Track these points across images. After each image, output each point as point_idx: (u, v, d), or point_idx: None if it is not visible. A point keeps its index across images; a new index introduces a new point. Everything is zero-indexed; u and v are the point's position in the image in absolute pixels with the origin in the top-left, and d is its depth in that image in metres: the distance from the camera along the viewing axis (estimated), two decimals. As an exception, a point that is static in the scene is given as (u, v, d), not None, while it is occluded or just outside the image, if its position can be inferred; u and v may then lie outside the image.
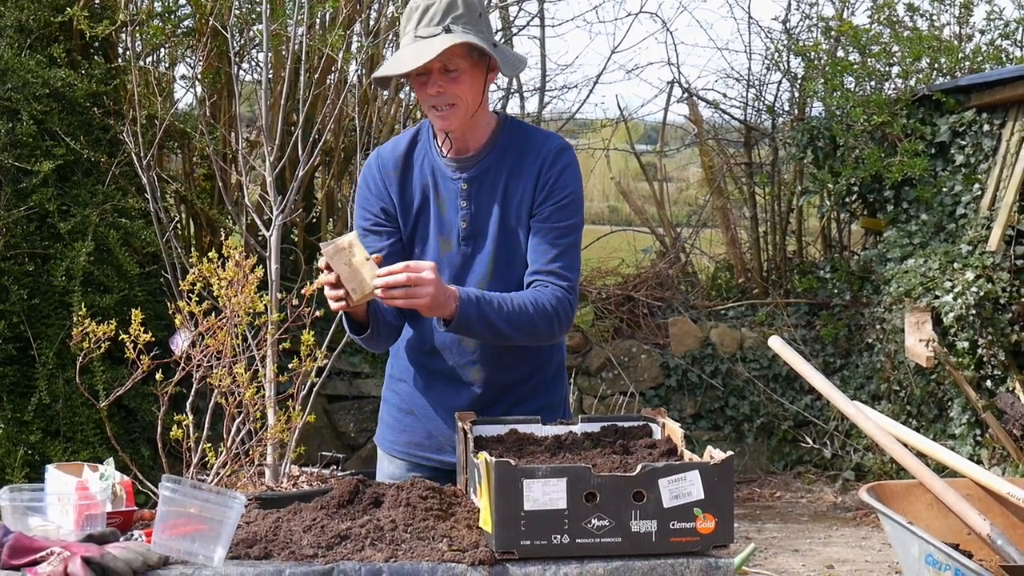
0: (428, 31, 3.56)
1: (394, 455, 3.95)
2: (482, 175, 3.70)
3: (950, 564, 4.46)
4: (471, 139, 3.71)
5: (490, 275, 3.70)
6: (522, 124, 3.79)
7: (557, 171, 3.65)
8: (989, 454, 8.68)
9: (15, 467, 7.76)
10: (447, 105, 3.61)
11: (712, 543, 3.06)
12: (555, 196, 3.64)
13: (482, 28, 3.60)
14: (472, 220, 3.70)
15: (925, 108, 9.58)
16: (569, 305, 3.62)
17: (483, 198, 3.69)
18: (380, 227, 3.76)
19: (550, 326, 3.60)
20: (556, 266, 3.62)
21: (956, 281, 8.64)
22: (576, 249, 3.67)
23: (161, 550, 2.96)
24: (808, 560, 7.87)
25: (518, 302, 3.56)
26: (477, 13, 3.59)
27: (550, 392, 3.84)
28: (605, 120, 12.02)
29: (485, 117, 3.71)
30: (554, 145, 3.69)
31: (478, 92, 3.63)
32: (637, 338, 10.14)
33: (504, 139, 3.72)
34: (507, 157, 3.70)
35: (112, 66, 8.72)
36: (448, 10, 3.56)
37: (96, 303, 7.89)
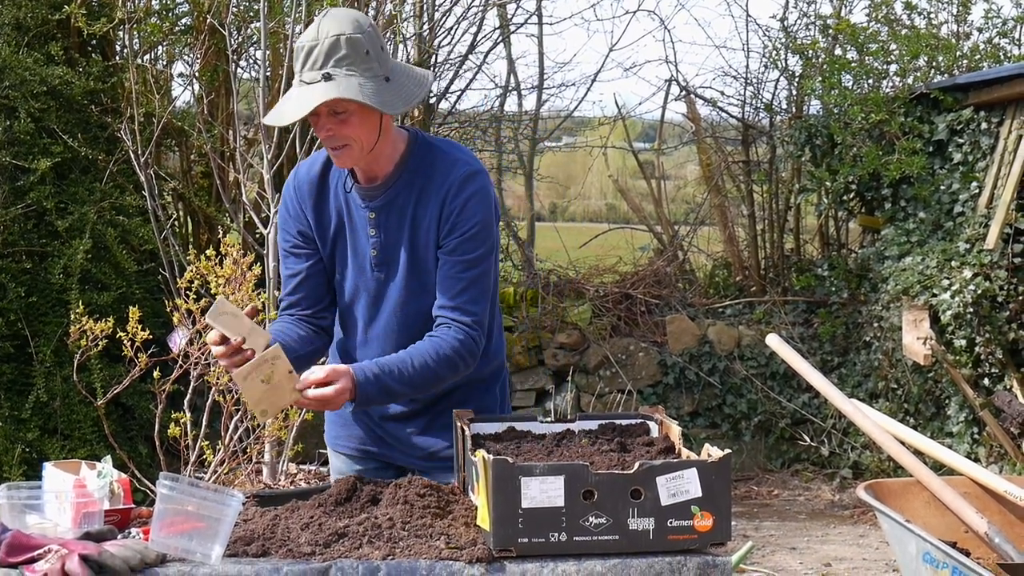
0: (311, 76, 3.45)
1: (338, 450, 3.96)
2: (389, 204, 3.63)
3: (948, 562, 4.46)
4: (377, 168, 3.63)
5: (403, 302, 3.67)
6: (431, 147, 3.66)
7: (461, 202, 3.56)
8: (987, 452, 8.68)
9: (13, 465, 7.77)
10: (340, 147, 3.53)
11: (710, 541, 3.06)
12: (459, 228, 3.56)
13: (371, 64, 3.46)
14: (382, 248, 3.65)
15: (923, 106, 9.57)
16: (473, 342, 3.57)
17: (391, 227, 3.64)
18: (299, 249, 3.73)
19: (455, 370, 3.57)
20: (460, 301, 3.56)
21: (954, 279, 8.65)
22: (483, 279, 3.60)
23: (159, 548, 2.96)
24: (806, 558, 7.88)
25: (419, 361, 3.51)
26: (363, 51, 3.45)
27: (481, 398, 3.81)
28: (603, 118, 12.03)
29: (389, 147, 3.61)
30: (459, 174, 3.58)
31: (372, 130, 3.53)
32: (635, 336, 10.14)
33: (412, 166, 3.63)
34: (414, 185, 3.62)
35: (110, 64, 8.72)
36: (330, 52, 3.43)
37: (94, 301, 7.89)
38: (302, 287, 3.74)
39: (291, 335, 3.66)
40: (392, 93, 3.50)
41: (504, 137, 11.45)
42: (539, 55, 11.44)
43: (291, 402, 3.37)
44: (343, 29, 3.44)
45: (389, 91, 3.49)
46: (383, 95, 3.47)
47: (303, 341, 3.69)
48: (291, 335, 3.66)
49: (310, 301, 3.74)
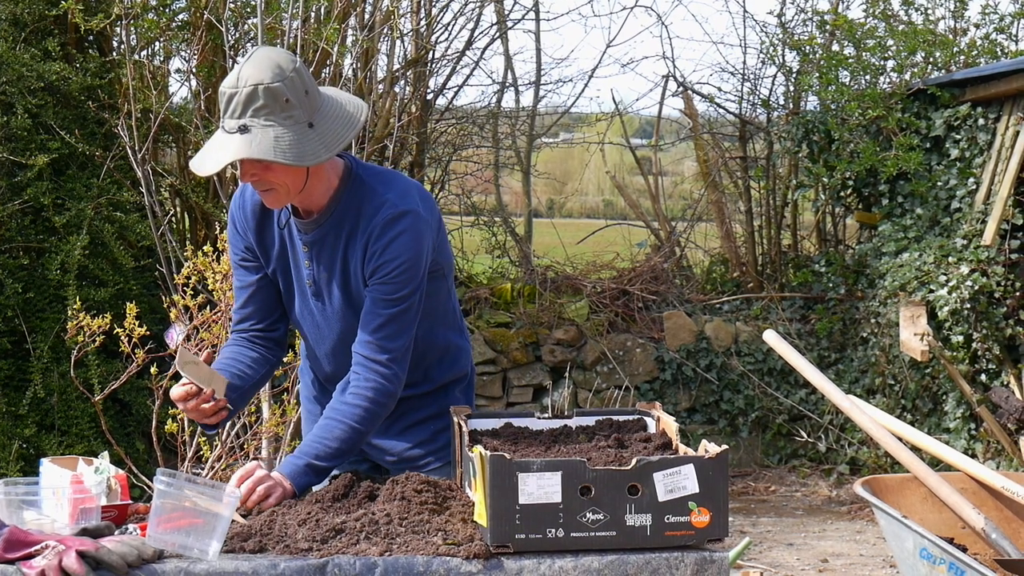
0: (230, 124, 3.39)
1: None
2: (322, 239, 3.60)
3: (945, 558, 4.47)
4: (310, 203, 3.58)
5: (343, 331, 3.66)
6: (363, 183, 3.58)
7: (382, 245, 3.51)
8: (983, 448, 8.69)
9: (10, 461, 7.77)
10: (266, 190, 3.49)
11: (707, 537, 3.06)
12: (382, 271, 3.53)
13: (292, 112, 3.38)
14: (315, 280, 3.64)
15: (920, 102, 9.57)
16: (388, 381, 3.54)
17: (324, 260, 3.62)
18: (247, 263, 3.72)
19: (377, 418, 3.56)
20: (376, 337, 3.54)
21: (951, 275, 8.65)
22: (404, 316, 3.55)
23: (156, 544, 2.96)
24: (803, 554, 7.88)
25: (341, 431, 3.49)
26: (283, 99, 3.36)
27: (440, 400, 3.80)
28: (600, 114, 12.02)
29: (323, 184, 3.55)
30: (383, 217, 3.51)
31: (297, 176, 3.46)
32: (632, 332, 10.14)
33: (344, 203, 3.58)
34: (345, 222, 3.58)
35: (107, 60, 8.71)
36: (248, 102, 3.36)
37: (91, 297, 7.89)
38: (253, 300, 3.74)
39: (243, 360, 3.69)
40: (314, 141, 3.41)
41: (501, 133, 11.45)
42: (536, 51, 11.46)
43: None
44: (262, 78, 3.36)
45: (311, 139, 3.41)
46: (303, 145, 3.39)
47: (256, 364, 3.71)
48: (243, 360, 3.69)
49: (262, 314, 3.74)
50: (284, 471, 3.43)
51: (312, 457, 3.47)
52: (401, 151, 10.13)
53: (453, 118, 11.20)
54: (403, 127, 9.43)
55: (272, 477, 3.38)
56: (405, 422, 3.72)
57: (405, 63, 10.20)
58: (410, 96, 10.19)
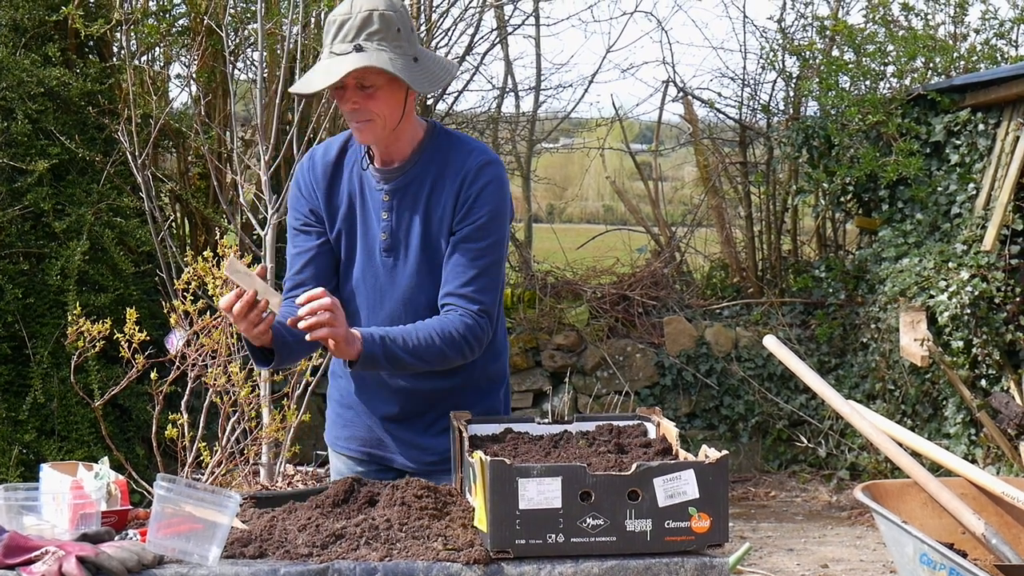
0: (341, 47, 3.49)
1: (338, 451, 3.94)
2: (404, 188, 3.64)
3: (945, 563, 4.47)
4: (395, 151, 3.65)
5: (412, 288, 3.66)
6: (449, 136, 3.70)
7: (477, 189, 3.58)
8: (984, 453, 8.69)
9: (10, 466, 7.77)
10: (363, 120, 3.55)
11: (707, 542, 3.06)
12: (473, 215, 3.57)
13: (401, 43, 3.50)
14: (392, 233, 3.65)
15: (920, 107, 9.58)
16: (480, 329, 3.56)
17: (404, 211, 3.64)
18: (309, 227, 3.73)
19: (460, 353, 3.56)
20: (469, 290, 3.56)
21: (951, 280, 8.65)
22: (494, 269, 3.60)
23: (156, 549, 2.96)
24: (803, 559, 7.88)
25: (424, 335, 3.50)
26: (395, 28, 3.50)
27: (484, 400, 3.80)
28: (600, 119, 12.03)
29: (410, 129, 3.64)
30: (476, 162, 3.61)
31: (396, 107, 3.56)
32: (632, 337, 10.14)
33: (429, 152, 3.65)
34: (430, 170, 3.64)
35: (107, 65, 8.72)
36: (363, 26, 3.48)
37: (91, 302, 7.89)
38: (310, 265, 3.71)
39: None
40: (420, 73, 3.55)
41: (501, 138, 11.45)
42: (536, 56, 11.47)
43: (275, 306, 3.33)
44: (376, 5, 3.50)
45: (417, 70, 3.54)
46: (412, 73, 3.52)
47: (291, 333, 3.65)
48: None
49: (318, 281, 3.69)
50: (357, 329, 3.43)
51: (388, 334, 3.46)
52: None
53: (453, 123, 11.20)
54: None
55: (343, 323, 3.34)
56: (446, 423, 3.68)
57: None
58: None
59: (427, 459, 3.76)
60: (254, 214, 6.40)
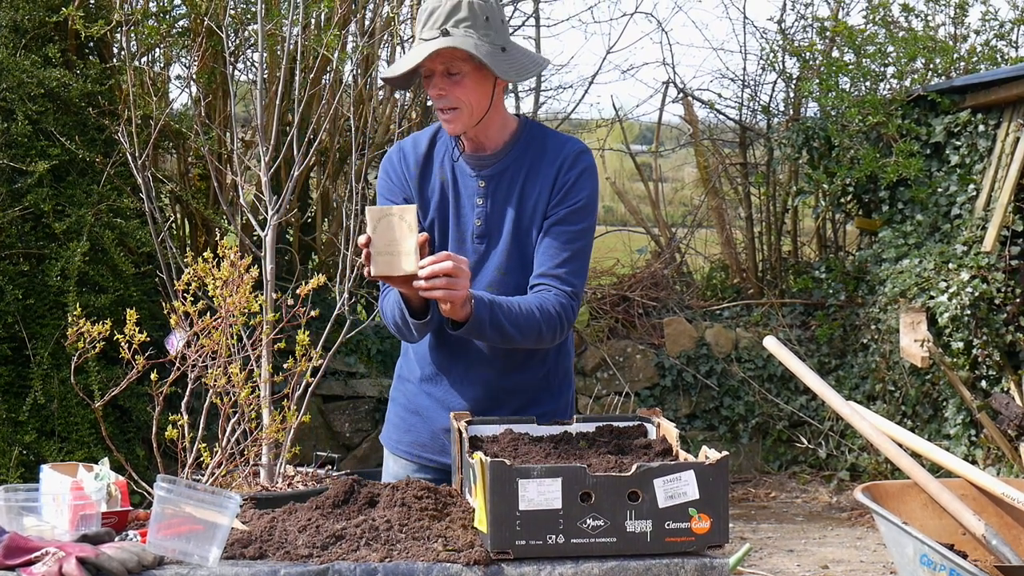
0: (430, 34, 3.57)
1: (399, 455, 3.94)
2: (500, 174, 3.70)
3: (945, 564, 4.47)
4: (486, 140, 3.71)
5: (502, 273, 3.70)
6: (542, 127, 3.79)
7: (576, 174, 3.66)
8: (984, 454, 8.68)
9: (10, 467, 7.76)
10: (450, 108, 3.61)
11: (707, 543, 3.06)
12: (571, 199, 3.65)
13: (489, 32, 3.57)
14: (487, 219, 3.70)
15: (920, 108, 9.58)
16: (572, 311, 3.63)
17: (499, 197, 3.70)
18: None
19: (553, 331, 3.61)
20: (563, 271, 3.62)
21: (951, 281, 8.65)
22: (585, 254, 3.68)
23: (156, 550, 2.96)
24: (803, 560, 7.88)
25: (526, 307, 3.56)
26: (483, 17, 3.56)
27: (555, 398, 3.82)
28: (600, 120, 12.03)
29: (500, 119, 3.71)
30: (574, 148, 3.70)
31: (484, 96, 3.62)
32: (632, 338, 10.14)
33: (524, 140, 3.72)
34: (526, 158, 3.70)
35: (107, 66, 8.71)
36: (451, 13, 3.55)
37: (91, 303, 7.89)
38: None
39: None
40: (506, 62, 3.59)
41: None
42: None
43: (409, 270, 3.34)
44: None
45: (504, 59, 3.58)
46: (498, 61, 3.56)
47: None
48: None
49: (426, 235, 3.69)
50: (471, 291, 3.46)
51: (496, 301, 3.51)
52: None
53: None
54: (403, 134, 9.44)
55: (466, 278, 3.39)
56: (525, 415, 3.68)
57: (405, 69, 10.19)
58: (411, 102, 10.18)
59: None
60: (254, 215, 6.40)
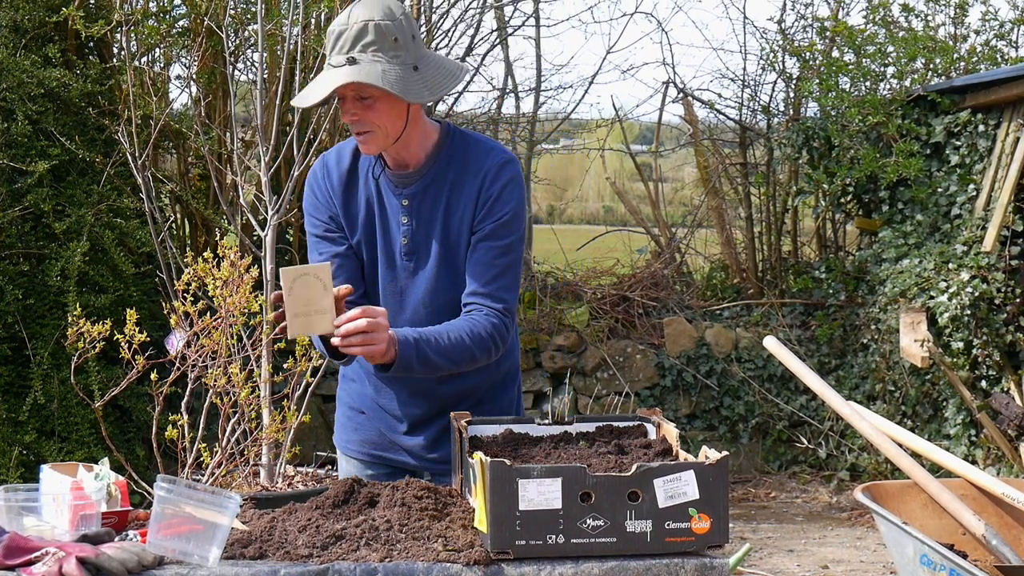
0: (337, 59, 3.46)
1: (350, 455, 3.94)
2: (423, 192, 3.63)
3: (945, 564, 4.46)
4: (407, 155, 3.63)
5: (432, 292, 3.66)
6: (465, 136, 3.69)
7: (499, 188, 3.57)
8: (984, 454, 8.68)
9: (10, 467, 7.77)
10: (364, 132, 3.53)
11: (707, 543, 3.06)
12: (496, 213, 3.57)
13: (399, 52, 3.46)
14: (412, 236, 3.64)
15: (920, 108, 9.58)
16: (505, 328, 3.58)
17: (424, 215, 3.63)
18: (331, 233, 3.72)
19: (487, 353, 3.57)
20: (492, 288, 3.57)
21: (951, 281, 8.65)
22: (515, 267, 3.61)
23: (156, 550, 2.96)
24: (803, 560, 7.88)
25: (455, 335, 3.51)
26: (392, 38, 3.45)
27: (499, 397, 3.81)
28: (600, 120, 12.03)
29: (420, 134, 3.62)
30: (496, 160, 3.61)
31: (398, 117, 3.53)
32: (632, 338, 10.14)
33: (445, 154, 3.64)
34: (448, 172, 3.62)
35: (107, 66, 8.72)
36: (358, 37, 3.44)
37: (91, 303, 7.89)
38: (341, 271, 3.70)
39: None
40: (418, 82, 3.50)
41: (501, 139, 11.44)
42: (536, 57, 11.46)
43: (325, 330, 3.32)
44: (372, 15, 3.46)
45: (415, 80, 3.49)
46: (407, 83, 3.47)
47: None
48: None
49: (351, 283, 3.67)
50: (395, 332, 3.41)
51: (423, 337, 3.46)
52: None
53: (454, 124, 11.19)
54: (403, 133, 9.43)
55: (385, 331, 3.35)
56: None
57: (405, 69, 10.19)
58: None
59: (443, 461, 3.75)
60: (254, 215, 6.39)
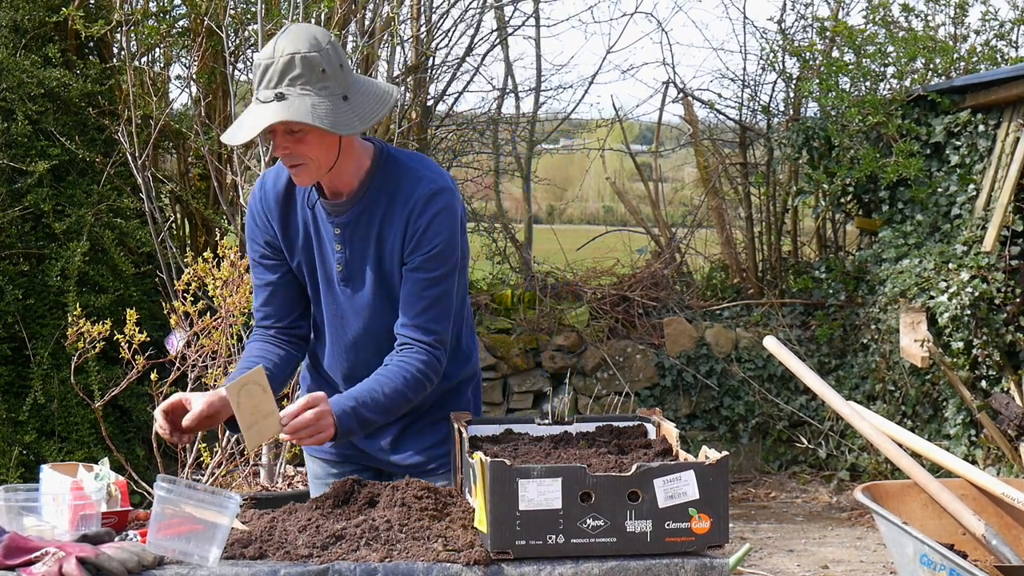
0: (265, 94, 3.40)
1: (313, 455, 3.94)
2: (355, 220, 3.59)
3: (945, 564, 4.46)
4: (340, 184, 3.58)
5: (371, 318, 3.64)
6: (397, 162, 3.61)
7: (426, 220, 3.52)
8: (984, 454, 8.68)
9: (10, 467, 7.77)
10: (296, 164, 3.49)
11: (707, 543, 3.06)
12: (424, 246, 3.53)
13: (327, 83, 3.40)
14: (347, 264, 3.62)
15: (920, 108, 9.58)
16: (436, 361, 3.55)
17: (357, 243, 3.60)
18: (267, 260, 3.70)
19: (422, 392, 3.56)
20: (423, 319, 3.53)
21: (951, 281, 8.65)
22: (445, 297, 3.57)
23: (156, 550, 2.96)
24: (803, 560, 7.88)
25: (391, 389, 3.48)
26: (319, 70, 3.39)
27: (456, 401, 3.80)
28: (600, 120, 12.02)
29: (353, 163, 3.56)
30: (423, 192, 3.53)
31: (330, 149, 3.47)
32: (632, 338, 10.14)
33: (377, 183, 3.58)
34: (380, 201, 3.58)
35: (107, 66, 8.72)
36: (285, 71, 3.38)
37: (91, 303, 7.89)
38: (274, 298, 3.71)
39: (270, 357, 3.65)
40: (348, 113, 3.43)
41: (501, 139, 11.44)
42: (536, 57, 11.45)
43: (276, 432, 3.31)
44: (298, 48, 3.39)
45: (345, 111, 3.43)
46: (338, 115, 3.41)
47: (283, 362, 3.68)
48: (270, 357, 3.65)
49: (283, 311, 3.71)
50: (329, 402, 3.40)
51: (360, 403, 3.44)
52: (401, 157, 10.10)
53: (453, 124, 11.20)
54: (403, 133, 9.44)
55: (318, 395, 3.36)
56: (419, 424, 3.70)
57: (405, 69, 10.21)
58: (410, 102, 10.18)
59: (406, 463, 3.76)
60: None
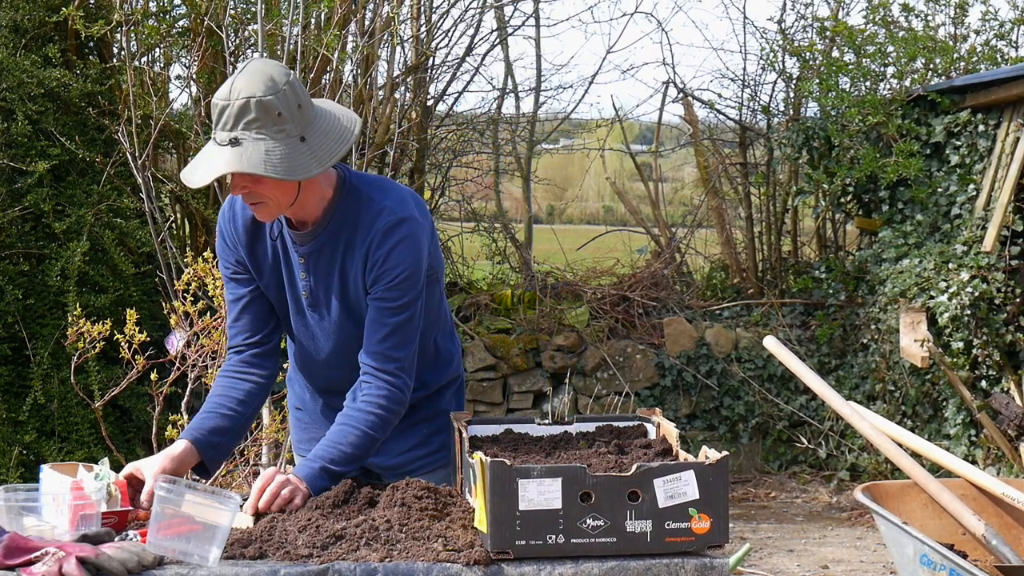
0: (222, 136, 3.36)
1: (301, 453, 3.94)
2: (318, 251, 3.58)
3: (945, 564, 4.46)
4: (304, 215, 3.56)
5: (340, 343, 3.66)
6: (359, 192, 3.57)
7: (384, 252, 3.50)
8: (984, 454, 8.68)
9: (10, 467, 7.77)
10: (255, 203, 3.47)
11: (707, 543, 3.06)
12: (385, 277, 3.52)
13: (284, 126, 3.36)
14: (312, 292, 3.63)
15: (920, 108, 9.58)
16: (399, 389, 3.55)
17: (320, 273, 3.60)
18: (239, 275, 3.70)
19: (388, 426, 3.56)
20: (385, 346, 3.53)
21: (951, 281, 8.65)
22: (409, 324, 3.56)
23: (156, 550, 2.96)
24: (803, 560, 7.88)
25: (355, 437, 3.48)
26: (275, 113, 3.33)
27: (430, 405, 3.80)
28: (600, 120, 12.03)
29: (316, 195, 3.53)
30: (382, 224, 3.50)
31: (288, 190, 3.45)
32: (632, 338, 10.14)
33: (341, 211, 3.56)
34: (342, 232, 3.57)
35: (107, 66, 8.72)
36: (240, 115, 3.33)
37: (91, 303, 7.90)
38: (247, 311, 3.71)
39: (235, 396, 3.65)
40: (306, 155, 3.39)
41: (501, 139, 11.45)
42: (536, 57, 11.46)
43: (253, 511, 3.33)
44: (254, 91, 3.34)
45: (302, 153, 3.39)
46: (293, 159, 3.37)
47: (249, 396, 3.68)
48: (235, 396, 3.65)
49: (256, 326, 3.71)
50: (300, 474, 3.41)
51: (327, 461, 3.45)
52: (401, 157, 10.13)
53: (453, 124, 11.20)
54: (403, 133, 9.44)
55: (291, 480, 3.36)
56: (399, 426, 3.71)
57: (405, 69, 10.21)
58: (410, 102, 10.19)
59: (387, 464, 3.77)
60: (254, 215, 6.37)
